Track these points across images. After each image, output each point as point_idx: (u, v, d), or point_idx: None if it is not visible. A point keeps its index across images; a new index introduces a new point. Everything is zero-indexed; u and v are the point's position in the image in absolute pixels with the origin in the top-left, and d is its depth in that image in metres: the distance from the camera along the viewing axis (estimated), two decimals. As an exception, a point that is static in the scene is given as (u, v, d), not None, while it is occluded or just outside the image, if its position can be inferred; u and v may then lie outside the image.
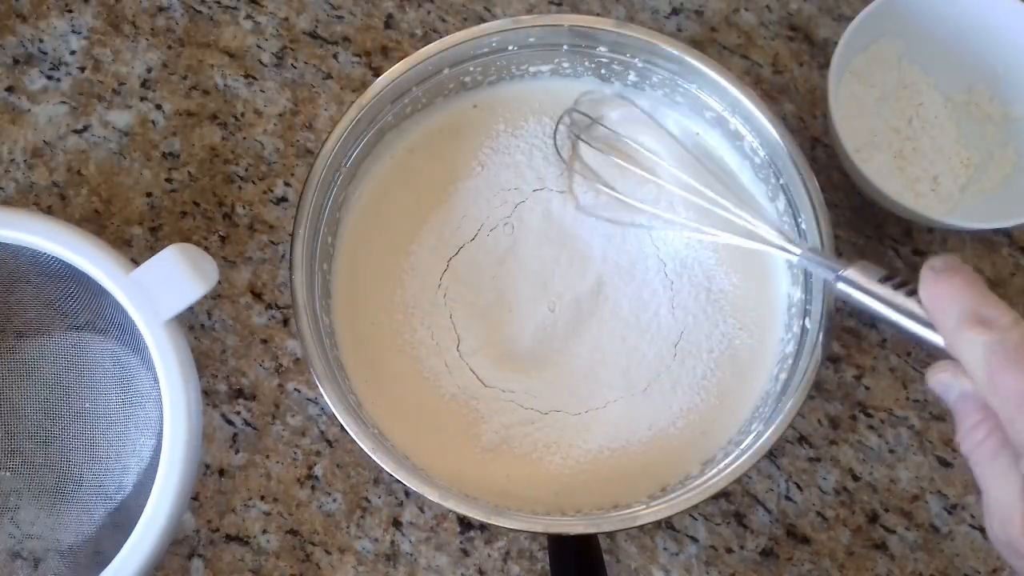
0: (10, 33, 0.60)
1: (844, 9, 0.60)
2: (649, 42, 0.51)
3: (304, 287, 0.48)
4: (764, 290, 0.51)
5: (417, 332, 0.51)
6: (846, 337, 0.55)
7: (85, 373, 0.51)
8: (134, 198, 0.57)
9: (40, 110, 0.59)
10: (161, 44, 0.60)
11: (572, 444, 0.49)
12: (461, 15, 0.60)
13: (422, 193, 0.53)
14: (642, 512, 0.45)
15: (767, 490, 0.54)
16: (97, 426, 0.51)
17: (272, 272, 0.56)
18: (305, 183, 0.49)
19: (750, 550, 0.53)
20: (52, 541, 0.51)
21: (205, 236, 0.57)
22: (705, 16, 0.60)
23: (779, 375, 0.49)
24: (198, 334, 0.55)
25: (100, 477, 0.50)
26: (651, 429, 0.49)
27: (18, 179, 0.58)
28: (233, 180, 0.58)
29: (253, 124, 0.58)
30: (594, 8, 0.61)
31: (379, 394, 0.50)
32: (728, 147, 0.53)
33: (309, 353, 0.47)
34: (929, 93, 0.57)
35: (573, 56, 0.53)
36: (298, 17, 0.60)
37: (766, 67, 0.60)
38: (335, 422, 0.54)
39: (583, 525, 0.45)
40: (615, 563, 0.52)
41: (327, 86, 0.59)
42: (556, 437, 0.49)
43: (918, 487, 0.54)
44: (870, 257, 0.56)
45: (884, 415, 0.55)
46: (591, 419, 0.50)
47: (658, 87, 0.53)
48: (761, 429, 0.46)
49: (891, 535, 0.53)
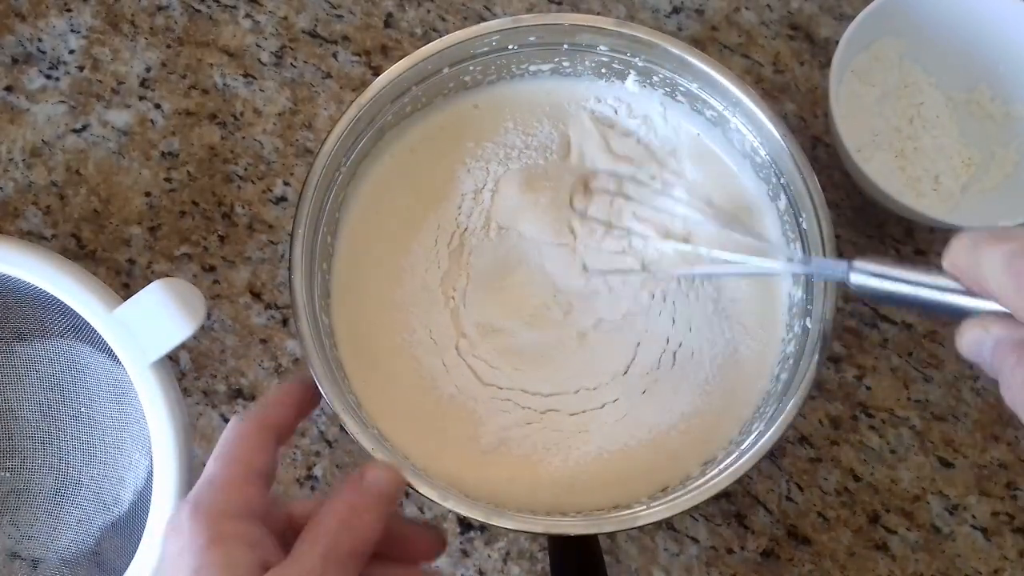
0: (9, 32, 0.60)
1: (845, 8, 0.60)
2: (650, 41, 0.50)
3: (303, 287, 0.47)
4: (765, 290, 0.51)
5: (416, 332, 0.51)
6: (847, 337, 0.55)
7: (82, 377, 0.51)
8: (133, 197, 0.57)
9: (39, 109, 0.58)
10: (160, 43, 0.59)
11: (571, 446, 0.49)
12: (461, 14, 0.60)
13: (422, 193, 0.53)
14: (642, 513, 0.45)
15: (768, 490, 0.54)
16: (94, 430, 0.50)
17: (271, 272, 0.56)
18: (304, 182, 0.49)
19: (751, 551, 0.53)
20: (51, 542, 0.50)
21: (204, 236, 0.57)
22: (706, 15, 0.60)
23: (780, 375, 0.49)
24: (197, 334, 0.54)
25: (98, 482, 0.50)
26: (651, 432, 0.49)
27: (17, 178, 0.57)
28: (232, 180, 0.58)
29: (252, 123, 0.58)
30: (594, 7, 0.61)
31: (378, 394, 0.49)
32: (729, 146, 0.53)
33: (308, 353, 0.46)
34: (930, 92, 0.57)
35: (573, 55, 0.53)
36: (297, 16, 0.60)
37: (767, 66, 0.60)
38: (335, 422, 0.54)
39: (583, 526, 0.45)
40: (615, 564, 0.52)
41: (326, 85, 0.59)
42: (555, 439, 0.49)
43: (919, 488, 0.54)
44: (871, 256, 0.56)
45: (885, 415, 0.55)
46: (589, 420, 0.50)
47: (658, 86, 0.53)
48: (762, 429, 0.46)
49: (892, 536, 0.53)
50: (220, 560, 0.35)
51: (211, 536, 0.35)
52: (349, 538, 0.36)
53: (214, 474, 0.38)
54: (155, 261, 0.56)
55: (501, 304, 0.51)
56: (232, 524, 0.36)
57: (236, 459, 0.38)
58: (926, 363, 0.55)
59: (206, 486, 0.37)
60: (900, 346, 0.55)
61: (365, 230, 0.52)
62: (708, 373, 0.50)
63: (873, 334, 0.55)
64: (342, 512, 0.37)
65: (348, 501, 0.37)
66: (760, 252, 0.48)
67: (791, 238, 0.50)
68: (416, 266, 0.52)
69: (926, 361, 0.55)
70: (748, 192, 0.52)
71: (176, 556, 0.35)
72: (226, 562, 0.35)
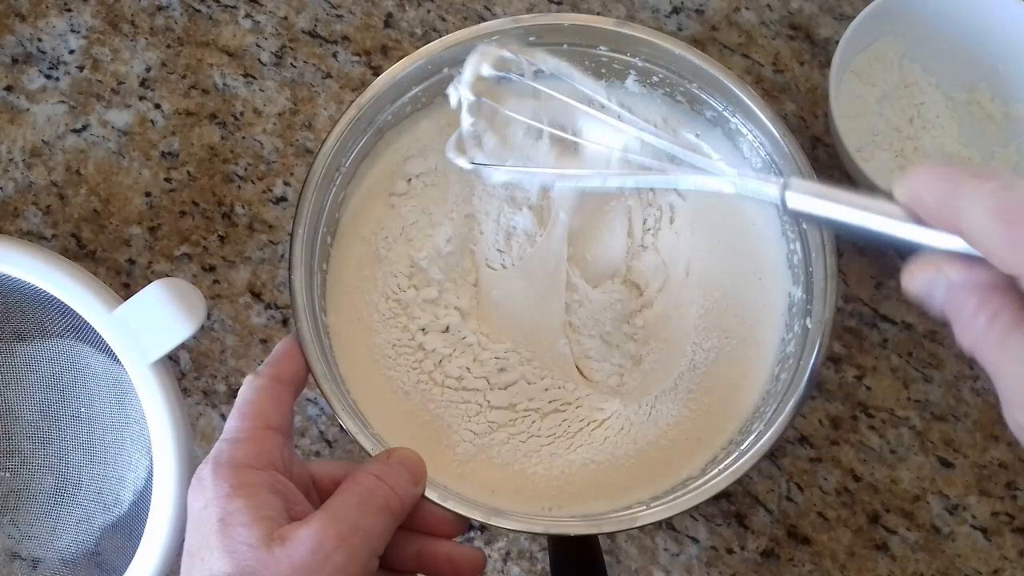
0: (9, 32, 0.60)
1: (845, 8, 0.60)
2: (649, 41, 0.50)
3: (303, 287, 0.47)
4: (765, 290, 0.51)
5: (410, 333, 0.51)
6: (847, 337, 0.55)
7: (82, 377, 0.51)
8: (133, 197, 0.57)
9: (39, 109, 0.58)
10: (160, 43, 0.59)
11: (554, 453, 0.49)
12: (461, 14, 0.60)
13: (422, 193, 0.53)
14: (642, 513, 0.45)
15: (768, 490, 0.54)
16: (94, 430, 0.50)
17: (271, 272, 0.56)
18: (304, 182, 0.49)
19: (751, 551, 0.53)
20: (51, 542, 0.50)
21: (204, 236, 0.57)
22: (706, 15, 0.60)
23: (780, 375, 0.49)
24: (197, 334, 0.54)
25: (98, 482, 0.50)
26: (648, 437, 0.49)
27: (17, 178, 0.57)
28: (232, 180, 0.58)
29: (252, 123, 0.58)
30: (594, 7, 0.61)
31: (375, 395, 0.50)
32: (728, 146, 0.53)
33: (308, 353, 0.46)
34: (930, 92, 0.57)
35: (573, 55, 0.52)
36: (297, 16, 0.60)
37: (767, 66, 0.60)
38: (334, 422, 0.54)
39: (583, 526, 0.45)
40: (615, 564, 0.52)
41: (326, 85, 0.59)
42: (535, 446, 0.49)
43: (919, 488, 0.54)
44: (871, 256, 0.56)
45: (885, 415, 0.55)
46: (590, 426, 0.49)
47: (658, 86, 0.53)
48: (762, 429, 0.46)
49: (892, 536, 0.53)
50: (245, 505, 0.35)
51: (234, 484, 0.36)
52: (383, 493, 0.38)
53: (232, 430, 0.38)
54: (155, 261, 0.56)
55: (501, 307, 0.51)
56: (254, 473, 0.37)
57: (253, 414, 0.39)
58: (926, 363, 0.55)
59: (225, 443, 0.38)
60: (900, 346, 0.55)
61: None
62: (707, 374, 0.50)
63: (873, 334, 0.55)
64: (374, 472, 0.39)
65: (378, 467, 0.39)
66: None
67: (791, 238, 0.50)
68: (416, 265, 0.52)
69: (926, 361, 0.55)
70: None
71: (201, 510, 0.36)
72: (252, 505, 0.35)
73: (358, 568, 0.35)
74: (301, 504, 0.37)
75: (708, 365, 0.50)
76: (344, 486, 0.38)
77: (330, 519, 0.35)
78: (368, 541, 0.36)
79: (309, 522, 0.35)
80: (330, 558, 0.34)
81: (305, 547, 0.34)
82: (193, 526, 0.36)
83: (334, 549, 0.34)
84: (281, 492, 0.37)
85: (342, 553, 0.34)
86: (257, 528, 0.34)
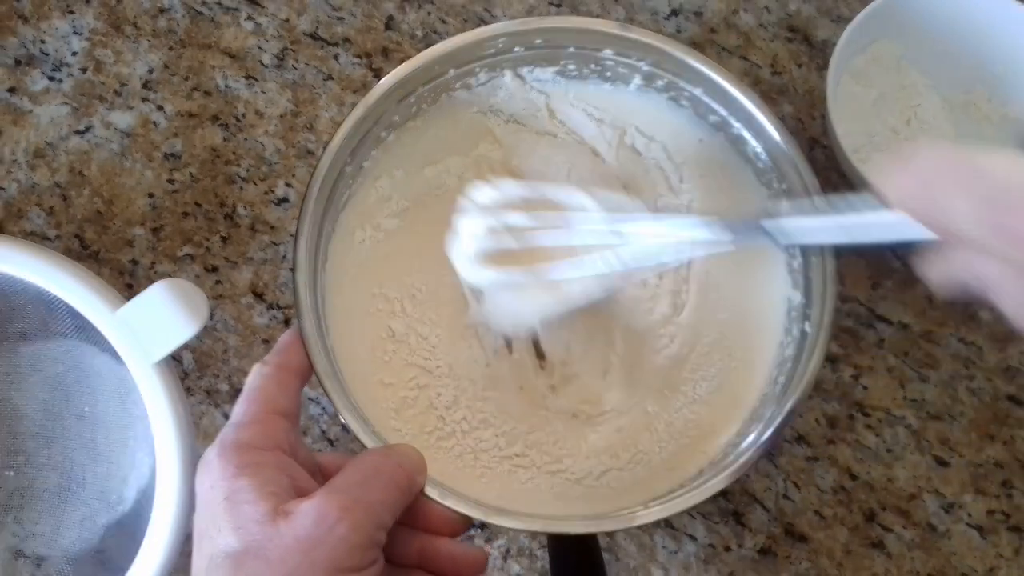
0: (12, 34, 0.60)
1: (843, 10, 0.61)
2: (649, 44, 0.51)
3: (307, 287, 0.48)
4: (764, 294, 0.51)
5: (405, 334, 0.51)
6: (844, 337, 0.56)
7: (86, 377, 0.51)
8: (136, 199, 0.58)
9: (42, 111, 0.59)
10: (162, 45, 0.60)
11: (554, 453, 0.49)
12: (461, 16, 0.61)
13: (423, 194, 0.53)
14: (641, 512, 0.45)
15: (765, 489, 0.54)
16: (98, 429, 0.51)
17: (273, 272, 0.57)
18: (308, 184, 0.49)
19: (748, 549, 0.53)
20: (55, 540, 0.51)
21: (207, 237, 0.57)
22: (704, 17, 0.61)
23: (778, 378, 0.49)
24: (200, 334, 0.55)
25: (102, 481, 0.51)
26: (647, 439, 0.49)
27: (20, 180, 0.58)
28: (234, 181, 0.58)
29: (254, 125, 0.59)
30: (593, 9, 0.61)
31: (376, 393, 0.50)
32: (731, 151, 0.53)
33: (311, 352, 0.47)
34: (927, 94, 0.57)
35: (578, 58, 0.53)
36: (299, 18, 0.60)
37: (765, 68, 0.60)
38: (336, 422, 0.55)
39: (583, 525, 0.45)
40: (614, 561, 0.53)
41: (328, 87, 0.59)
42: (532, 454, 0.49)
43: (915, 486, 0.54)
44: (868, 258, 0.56)
45: (882, 414, 0.55)
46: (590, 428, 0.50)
47: (663, 91, 0.53)
48: (759, 431, 0.46)
49: (888, 534, 0.54)
50: (251, 483, 0.36)
51: (239, 464, 0.36)
52: (389, 469, 0.39)
53: (239, 414, 0.39)
54: (158, 262, 0.57)
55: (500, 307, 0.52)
56: (260, 454, 0.37)
57: (259, 399, 0.40)
58: (922, 363, 0.55)
59: (232, 426, 0.38)
60: (896, 346, 0.56)
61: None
62: (705, 377, 0.50)
63: (870, 334, 0.56)
64: (377, 456, 0.40)
65: (382, 449, 0.41)
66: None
67: (791, 242, 0.51)
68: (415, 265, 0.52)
69: (922, 361, 0.56)
70: (747, 195, 0.53)
71: (208, 491, 0.36)
72: (257, 483, 0.36)
73: (363, 538, 0.36)
74: (307, 483, 0.38)
75: (706, 368, 0.50)
76: (349, 464, 0.38)
77: (334, 492, 0.36)
78: (372, 513, 0.36)
79: (312, 497, 0.36)
80: (333, 529, 0.35)
81: (309, 519, 0.35)
82: (201, 506, 0.37)
83: (337, 520, 0.35)
84: (286, 471, 0.37)
85: (345, 524, 0.35)
86: (263, 504, 0.35)
